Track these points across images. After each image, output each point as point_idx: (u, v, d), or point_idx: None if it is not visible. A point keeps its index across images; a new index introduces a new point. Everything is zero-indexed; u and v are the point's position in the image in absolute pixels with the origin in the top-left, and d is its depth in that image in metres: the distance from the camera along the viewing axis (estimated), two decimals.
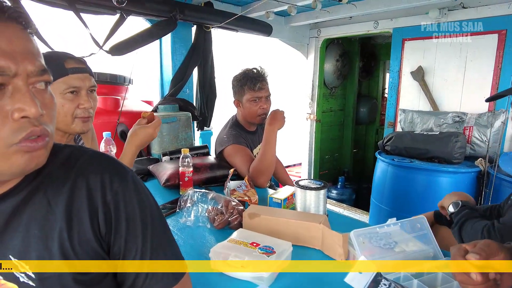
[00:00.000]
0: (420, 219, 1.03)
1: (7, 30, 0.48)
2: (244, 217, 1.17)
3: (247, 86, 1.81)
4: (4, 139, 0.47)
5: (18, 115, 0.47)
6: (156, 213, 0.64)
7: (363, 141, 4.81)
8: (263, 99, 1.83)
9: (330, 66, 3.99)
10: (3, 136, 0.47)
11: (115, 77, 2.44)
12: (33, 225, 0.54)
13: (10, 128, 0.47)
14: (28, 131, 0.49)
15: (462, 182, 2.20)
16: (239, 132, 1.88)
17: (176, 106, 2.37)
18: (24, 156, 0.49)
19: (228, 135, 1.86)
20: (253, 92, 1.81)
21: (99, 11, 2.05)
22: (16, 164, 0.49)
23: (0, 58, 0.46)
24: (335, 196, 3.90)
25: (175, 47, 2.54)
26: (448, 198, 1.24)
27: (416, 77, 2.80)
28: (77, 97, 1.08)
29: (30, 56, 0.50)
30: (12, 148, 0.48)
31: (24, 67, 0.48)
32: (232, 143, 1.81)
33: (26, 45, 0.50)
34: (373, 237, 0.96)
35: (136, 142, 1.25)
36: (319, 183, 1.28)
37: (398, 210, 2.36)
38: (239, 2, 2.82)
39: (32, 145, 0.50)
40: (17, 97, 0.48)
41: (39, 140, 0.50)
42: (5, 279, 0.54)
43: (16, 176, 0.53)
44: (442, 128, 2.51)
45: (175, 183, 1.63)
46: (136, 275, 0.60)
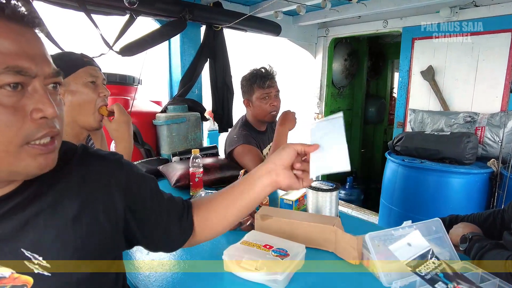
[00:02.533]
0: (435, 222, 1.02)
1: (27, 34, 0.50)
2: (256, 219, 1.16)
3: (256, 85, 1.82)
4: (23, 137, 0.49)
5: (37, 115, 0.50)
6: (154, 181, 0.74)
7: (371, 141, 4.78)
8: (273, 96, 1.84)
9: (338, 66, 3.97)
10: (23, 134, 0.49)
11: (125, 78, 2.45)
12: (43, 217, 0.55)
13: (30, 127, 0.49)
14: (46, 131, 0.51)
15: (474, 183, 2.16)
16: (249, 132, 1.88)
17: (185, 107, 2.38)
18: (38, 158, 0.51)
19: (238, 135, 1.86)
20: (263, 90, 1.81)
21: (109, 12, 2.06)
22: (32, 166, 0.51)
23: (24, 59, 0.48)
24: (344, 196, 3.88)
25: (184, 48, 2.55)
26: (454, 234, 1.17)
27: (426, 77, 2.77)
28: (96, 87, 1.12)
29: (46, 59, 0.52)
30: (25, 149, 0.50)
31: (42, 69, 0.51)
32: (242, 143, 1.81)
33: (43, 48, 0.53)
34: (388, 240, 0.95)
35: (121, 137, 1.20)
36: (331, 185, 1.27)
37: (408, 211, 2.34)
38: (248, 2, 2.82)
39: (45, 148, 0.52)
40: (36, 98, 0.50)
41: (50, 143, 0.53)
42: (19, 272, 0.54)
43: (31, 177, 0.54)
44: (453, 129, 2.48)
45: (186, 183, 1.63)
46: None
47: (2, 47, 0.46)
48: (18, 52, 0.48)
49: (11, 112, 0.48)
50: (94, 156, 0.64)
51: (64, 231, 0.56)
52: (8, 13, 0.48)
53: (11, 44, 0.47)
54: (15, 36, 0.48)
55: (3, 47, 0.46)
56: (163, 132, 2.28)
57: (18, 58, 0.47)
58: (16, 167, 0.50)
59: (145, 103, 2.61)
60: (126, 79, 2.46)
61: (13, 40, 0.48)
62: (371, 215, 3.26)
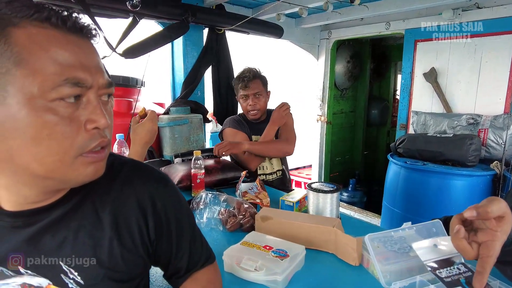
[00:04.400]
0: (436, 223, 1.02)
1: (84, 45, 0.51)
2: (257, 219, 1.17)
3: (238, 85, 2.00)
4: (77, 148, 0.50)
5: (90, 126, 0.51)
6: (190, 211, 0.73)
7: (374, 143, 4.77)
8: (251, 97, 1.98)
9: (341, 68, 3.97)
10: (77, 144, 0.50)
11: (128, 80, 2.47)
12: (83, 233, 0.57)
13: (83, 138, 0.50)
14: (98, 141, 0.52)
15: (476, 185, 2.16)
16: (241, 120, 2.08)
17: (188, 109, 2.39)
18: (89, 166, 0.52)
19: (230, 119, 2.09)
20: (243, 91, 1.99)
21: (112, 15, 2.08)
22: (84, 174, 0.52)
23: (81, 71, 0.49)
24: (346, 198, 3.86)
25: (186, 50, 2.56)
26: None
27: (429, 79, 2.77)
28: None
29: (100, 70, 0.53)
30: (79, 159, 0.51)
31: (96, 80, 0.51)
32: (229, 127, 2.04)
33: (97, 59, 0.53)
34: (388, 241, 0.95)
35: (138, 140, 1.25)
36: (332, 186, 1.27)
37: (410, 213, 2.33)
38: (250, 5, 2.83)
39: (96, 155, 0.53)
40: (90, 109, 0.51)
41: (101, 152, 0.54)
42: (55, 284, 0.56)
43: (79, 185, 0.55)
44: (456, 131, 2.47)
45: (187, 184, 1.64)
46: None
47: (62, 58, 0.47)
48: (76, 63, 0.48)
49: (67, 123, 0.48)
50: (139, 175, 0.64)
51: (100, 251, 0.57)
52: (69, 25, 0.48)
53: (70, 56, 0.48)
54: (73, 48, 0.48)
55: (63, 58, 0.47)
56: (165, 134, 2.29)
57: (76, 69, 0.48)
58: (69, 175, 0.51)
59: (148, 105, 2.63)
60: (129, 81, 2.48)
61: (72, 51, 0.48)
62: (373, 217, 3.25)
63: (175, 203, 0.67)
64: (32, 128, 0.46)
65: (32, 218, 0.55)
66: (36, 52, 0.45)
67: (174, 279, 0.72)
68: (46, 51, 0.46)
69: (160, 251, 0.66)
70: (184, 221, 0.69)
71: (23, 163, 0.48)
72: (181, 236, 0.68)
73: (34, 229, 0.55)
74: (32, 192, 0.53)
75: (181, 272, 0.70)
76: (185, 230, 0.69)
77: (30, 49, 0.45)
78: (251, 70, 1.99)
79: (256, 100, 1.99)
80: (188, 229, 0.70)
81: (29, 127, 0.46)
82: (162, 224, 0.64)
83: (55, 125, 0.47)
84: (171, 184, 0.67)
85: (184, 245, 0.68)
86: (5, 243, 0.54)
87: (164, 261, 0.69)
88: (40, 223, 0.55)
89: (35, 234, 0.55)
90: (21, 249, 0.54)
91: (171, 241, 0.66)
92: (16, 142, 0.46)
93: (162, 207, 0.63)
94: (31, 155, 0.47)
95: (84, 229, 0.57)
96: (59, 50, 0.47)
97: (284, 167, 2.11)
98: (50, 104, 0.46)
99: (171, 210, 0.65)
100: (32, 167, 0.48)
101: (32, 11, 0.46)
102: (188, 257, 0.70)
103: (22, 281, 0.55)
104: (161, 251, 0.66)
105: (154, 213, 0.62)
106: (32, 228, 0.55)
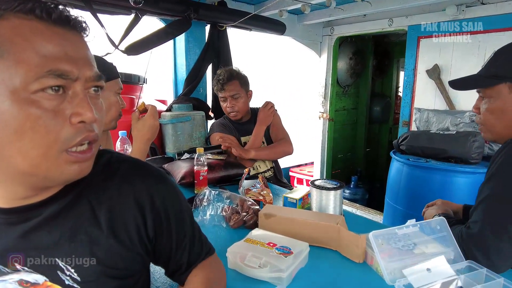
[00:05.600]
0: (439, 221, 1.02)
1: (72, 38, 0.50)
2: (260, 216, 1.17)
3: (215, 88, 2.03)
4: (61, 142, 0.49)
5: (76, 120, 0.50)
6: (189, 207, 0.73)
7: (376, 140, 4.76)
8: (229, 99, 1.98)
9: (343, 65, 3.95)
10: (62, 138, 0.49)
11: (130, 77, 2.46)
12: (79, 231, 0.56)
13: (68, 132, 0.49)
14: (83, 135, 0.51)
15: (479, 182, 2.11)
16: (227, 122, 2.09)
17: (190, 106, 2.39)
18: (73, 165, 0.51)
19: (215, 124, 2.10)
20: (219, 93, 2.01)
21: (115, 11, 2.08)
22: (67, 172, 0.51)
23: (66, 63, 0.48)
24: (348, 195, 3.86)
25: (189, 47, 2.56)
26: (427, 214, 1.27)
27: (432, 76, 2.75)
28: (120, 96, 1.25)
29: (88, 62, 0.52)
30: (63, 155, 0.50)
31: (83, 73, 0.51)
32: (215, 132, 2.04)
33: (86, 52, 0.53)
34: (392, 239, 0.95)
35: (140, 137, 1.25)
36: (335, 183, 1.27)
37: (413, 210, 2.32)
38: (252, 1, 2.82)
39: (82, 156, 0.52)
40: (76, 102, 0.50)
41: (87, 151, 0.53)
42: (52, 281, 0.56)
43: (65, 183, 0.55)
44: (459, 128, 2.46)
45: (190, 181, 1.64)
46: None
47: (45, 50, 0.47)
48: (61, 55, 0.48)
49: (51, 116, 0.48)
50: (138, 173, 0.63)
51: (97, 248, 0.57)
52: (55, 17, 0.48)
53: (54, 47, 0.47)
54: (58, 40, 0.48)
55: (46, 50, 0.47)
56: (168, 131, 2.29)
57: (60, 61, 0.48)
58: (52, 173, 0.50)
59: (151, 102, 2.63)
60: (131, 78, 2.47)
61: (57, 43, 0.48)
62: (376, 214, 3.25)
63: (174, 199, 0.67)
64: (15, 121, 0.46)
65: (26, 214, 0.55)
66: (19, 44, 0.45)
67: (177, 275, 0.72)
68: (30, 43, 0.46)
69: (160, 248, 0.66)
70: (184, 217, 0.69)
71: (8, 157, 0.48)
72: (181, 232, 0.68)
73: (29, 226, 0.55)
74: (20, 188, 0.53)
75: (182, 268, 0.70)
76: (185, 226, 0.69)
77: (13, 41, 0.45)
78: (227, 71, 1.97)
79: (234, 101, 1.97)
80: (188, 225, 0.70)
81: (12, 120, 0.45)
82: (162, 221, 0.64)
83: (38, 118, 0.47)
84: (170, 181, 0.68)
85: (184, 241, 0.69)
86: (0, 239, 0.54)
87: (164, 258, 0.69)
88: (35, 219, 0.55)
89: (31, 230, 0.55)
90: (17, 245, 0.54)
91: (171, 237, 0.66)
92: (0, 135, 0.46)
93: (161, 204, 0.63)
94: (15, 149, 0.47)
95: (81, 227, 0.56)
96: (43, 42, 0.47)
97: (274, 164, 2.13)
98: (33, 96, 0.46)
99: (170, 207, 0.65)
100: (17, 161, 0.48)
101: (16, 3, 0.46)
102: (189, 252, 0.70)
103: (19, 278, 0.55)
104: (161, 247, 0.66)
105: (153, 210, 0.62)
106: (27, 224, 0.55)
